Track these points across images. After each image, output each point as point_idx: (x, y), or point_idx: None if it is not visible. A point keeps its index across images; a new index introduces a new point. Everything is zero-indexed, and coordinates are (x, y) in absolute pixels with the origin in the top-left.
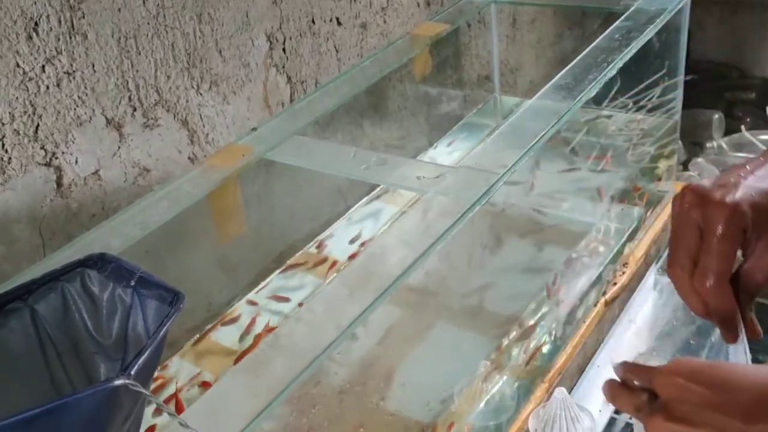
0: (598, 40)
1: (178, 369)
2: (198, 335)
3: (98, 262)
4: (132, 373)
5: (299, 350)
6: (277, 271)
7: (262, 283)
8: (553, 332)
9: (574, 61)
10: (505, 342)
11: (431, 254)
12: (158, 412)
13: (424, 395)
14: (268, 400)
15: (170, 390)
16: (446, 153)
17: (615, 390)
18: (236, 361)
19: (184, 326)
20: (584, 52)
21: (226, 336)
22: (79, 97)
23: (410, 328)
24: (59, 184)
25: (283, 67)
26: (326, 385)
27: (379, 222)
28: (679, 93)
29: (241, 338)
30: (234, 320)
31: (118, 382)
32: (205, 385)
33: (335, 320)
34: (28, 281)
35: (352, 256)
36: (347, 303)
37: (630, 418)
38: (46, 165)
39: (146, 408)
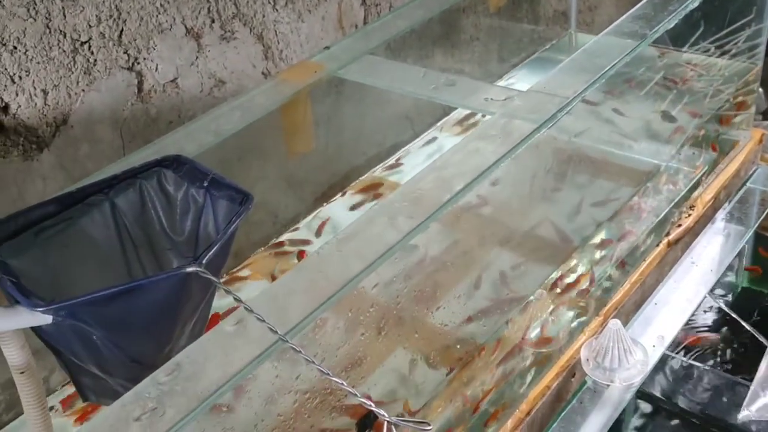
0: None
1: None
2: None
3: (174, 162)
4: (203, 262)
5: (357, 254)
6: (342, 193)
7: (326, 204)
8: (612, 269)
9: (641, 3)
10: (565, 272)
11: (492, 176)
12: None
13: (475, 315)
14: (328, 295)
15: None
16: (517, 85)
17: None
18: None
19: (251, 237)
20: None
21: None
22: (161, 4)
23: (469, 250)
24: (140, 89)
25: None
26: (381, 289)
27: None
28: (764, 39)
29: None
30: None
31: (190, 269)
32: None
33: (389, 233)
34: (109, 176)
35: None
36: (401, 219)
37: (686, 356)
38: (128, 69)
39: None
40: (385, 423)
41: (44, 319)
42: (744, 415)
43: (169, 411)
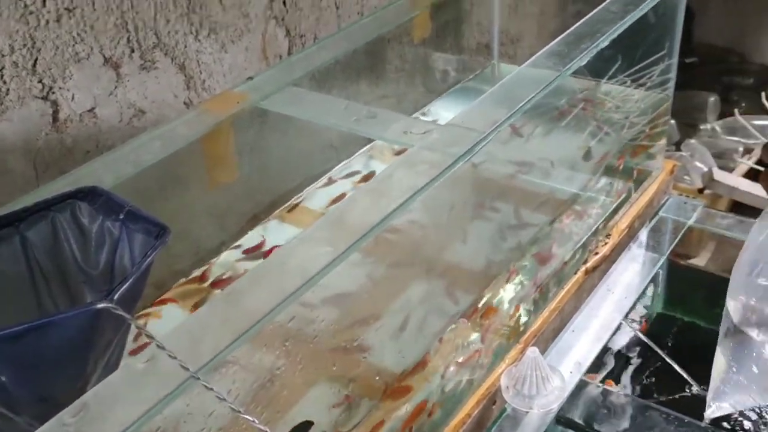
0: (596, 10)
1: None
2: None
3: (89, 194)
4: (115, 298)
5: (272, 290)
6: (265, 221)
7: (250, 232)
8: (531, 298)
9: (570, 30)
10: (483, 302)
11: (410, 208)
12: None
13: (398, 345)
14: (244, 329)
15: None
16: (440, 116)
17: None
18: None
19: (173, 267)
20: (579, 22)
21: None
22: (78, 33)
23: (388, 281)
24: (55, 118)
25: (283, 19)
26: (300, 323)
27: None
28: (673, 73)
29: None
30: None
31: (101, 305)
32: None
33: (305, 267)
34: (20, 209)
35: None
36: (320, 250)
37: (601, 381)
38: (43, 99)
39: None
40: None
41: None
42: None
43: None
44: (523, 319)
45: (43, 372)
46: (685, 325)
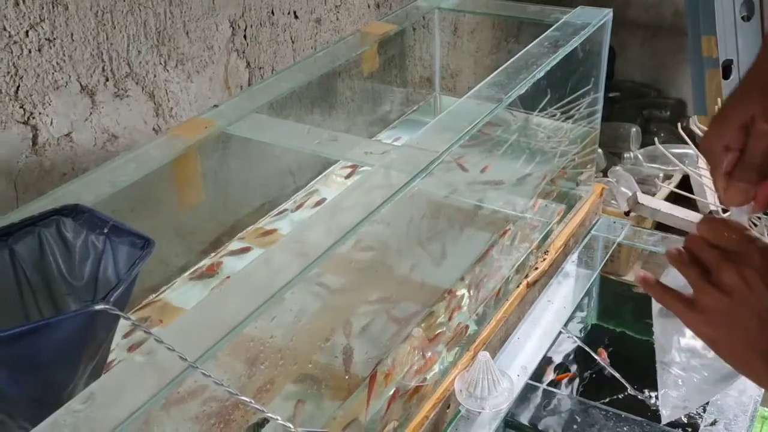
0: (529, 47)
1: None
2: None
3: (73, 211)
4: (111, 300)
5: (236, 309)
6: (228, 243)
7: (212, 254)
8: (479, 309)
9: (507, 63)
10: (435, 313)
11: (371, 224)
12: None
13: (359, 354)
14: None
15: None
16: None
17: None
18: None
19: (143, 284)
20: (516, 56)
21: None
22: (57, 63)
23: (347, 295)
24: (35, 142)
25: (243, 52)
26: (265, 334)
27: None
28: (599, 107)
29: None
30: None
31: (98, 306)
32: None
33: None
34: (8, 224)
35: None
36: (283, 269)
37: (547, 384)
38: (24, 123)
39: None
40: None
41: None
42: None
43: None
44: (472, 328)
45: (38, 373)
46: (617, 334)
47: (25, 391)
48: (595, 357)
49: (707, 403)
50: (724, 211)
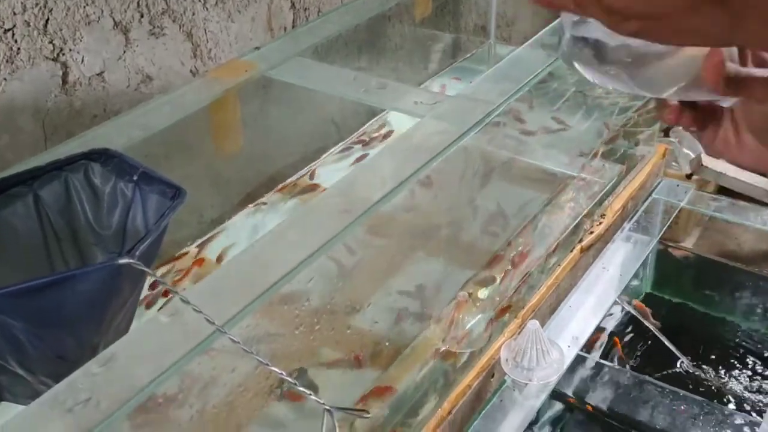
0: None
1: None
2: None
3: (102, 156)
4: (136, 254)
5: (277, 261)
6: (268, 194)
7: (249, 206)
8: (530, 273)
9: (558, 20)
10: (483, 276)
11: (416, 180)
12: None
13: (401, 315)
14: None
15: None
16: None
17: None
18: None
19: (175, 236)
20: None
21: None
22: None
23: (391, 254)
24: (65, 81)
25: None
26: (301, 297)
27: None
28: None
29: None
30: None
31: (123, 260)
32: None
33: (309, 241)
34: (33, 167)
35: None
36: (325, 224)
37: (600, 357)
38: (53, 60)
39: None
40: (325, 412)
41: None
42: None
43: (103, 401)
44: (521, 294)
45: (60, 328)
46: (674, 305)
47: (47, 346)
48: (651, 328)
49: None
50: None
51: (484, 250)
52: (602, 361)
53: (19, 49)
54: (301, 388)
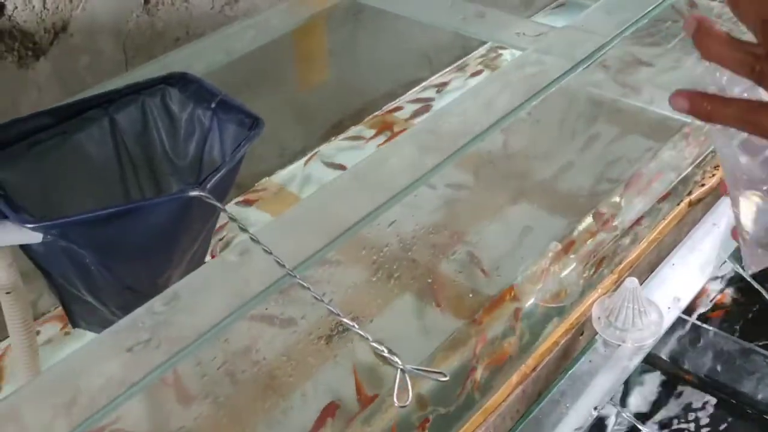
0: None
1: None
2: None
3: (180, 81)
4: (207, 186)
5: (370, 191)
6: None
7: (332, 138)
8: (630, 226)
9: None
10: (579, 227)
11: (514, 120)
12: None
13: (487, 266)
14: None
15: None
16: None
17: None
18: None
19: (253, 168)
20: None
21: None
22: None
23: (481, 197)
24: (146, 0)
25: None
26: (392, 231)
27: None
28: None
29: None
30: None
31: (193, 193)
32: None
33: (405, 172)
34: (110, 90)
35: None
36: (418, 158)
37: (697, 318)
38: None
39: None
40: (399, 371)
41: (34, 237)
42: None
43: (165, 343)
44: (618, 247)
45: (129, 259)
46: None
47: (115, 277)
48: (763, 293)
49: None
50: None
51: (584, 199)
52: (705, 326)
53: None
54: (372, 343)
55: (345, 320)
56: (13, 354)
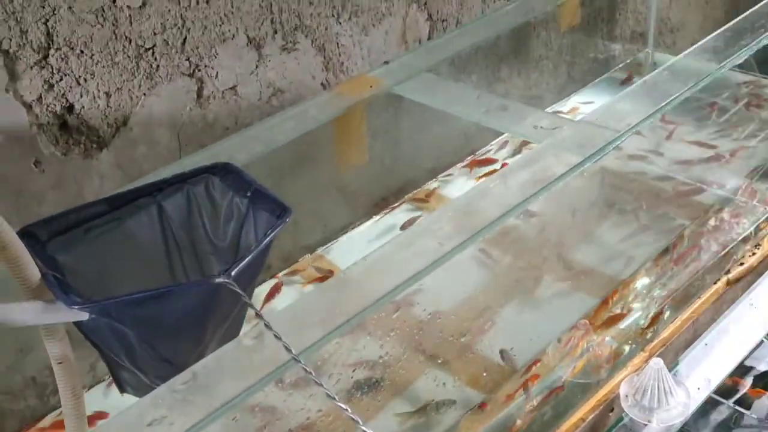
0: (760, 5)
1: None
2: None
3: (222, 170)
4: (232, 273)
5: (391, 275)
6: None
7: (374, 216)
8: (661, 304)
9: (730, 24)
10: (609, 304)
11: (542, 200)
12: None
13: (513, 341)
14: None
15: None
16: (582, 106)
17: None
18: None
19: (299, 242)
20: (742, 16)
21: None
22: (225, 14)
23: (512, 277)
24: (199, 95)
25: (425, 3)
26: (415, 313)
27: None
28: None
29: None
30: None
31: (218, 280)
32: None
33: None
34: (159, 180)
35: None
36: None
37: (734, 401)
38: (189, 75)
39: None
40: None
41: (81, 315)
42: None
43: (178, 420)
44: (653, 326)
45: (164, 335)
46: None
47: (154, 350)
48: None
49: None
50: None
51: (615, 276)
52: (738, 408)
53: (158, 66)
54: (363, 427)
55: (339, 404)
56: (63, 418)
